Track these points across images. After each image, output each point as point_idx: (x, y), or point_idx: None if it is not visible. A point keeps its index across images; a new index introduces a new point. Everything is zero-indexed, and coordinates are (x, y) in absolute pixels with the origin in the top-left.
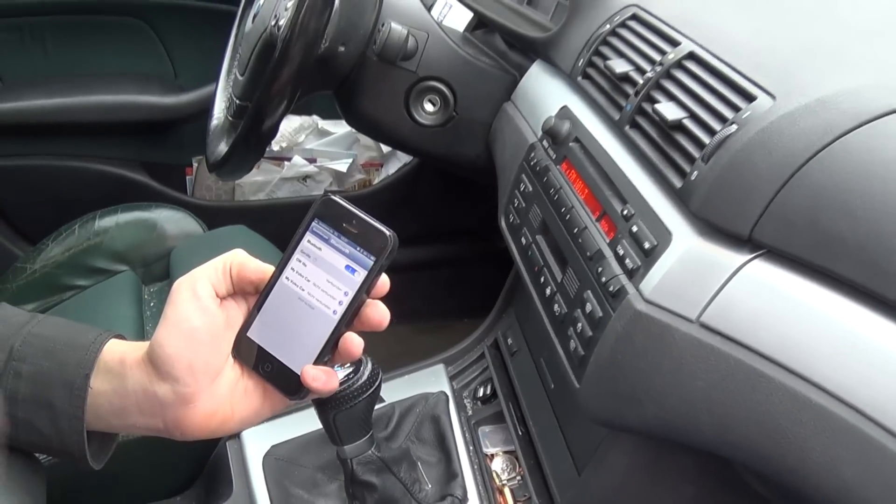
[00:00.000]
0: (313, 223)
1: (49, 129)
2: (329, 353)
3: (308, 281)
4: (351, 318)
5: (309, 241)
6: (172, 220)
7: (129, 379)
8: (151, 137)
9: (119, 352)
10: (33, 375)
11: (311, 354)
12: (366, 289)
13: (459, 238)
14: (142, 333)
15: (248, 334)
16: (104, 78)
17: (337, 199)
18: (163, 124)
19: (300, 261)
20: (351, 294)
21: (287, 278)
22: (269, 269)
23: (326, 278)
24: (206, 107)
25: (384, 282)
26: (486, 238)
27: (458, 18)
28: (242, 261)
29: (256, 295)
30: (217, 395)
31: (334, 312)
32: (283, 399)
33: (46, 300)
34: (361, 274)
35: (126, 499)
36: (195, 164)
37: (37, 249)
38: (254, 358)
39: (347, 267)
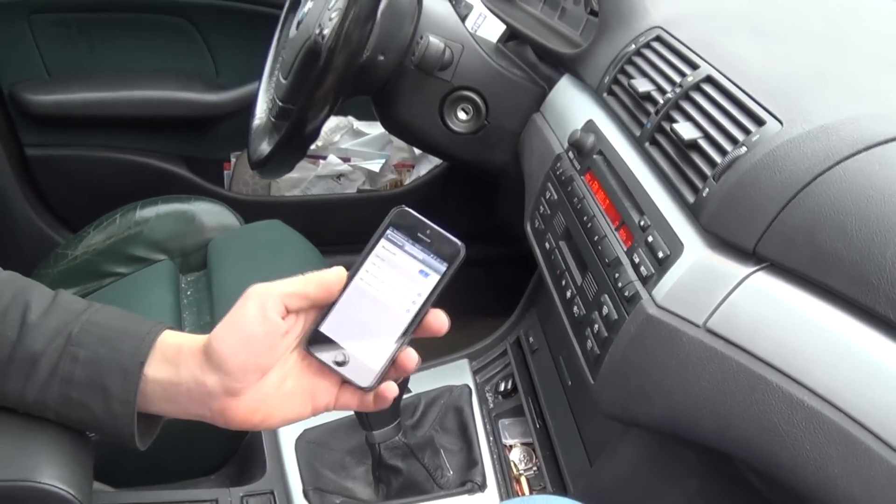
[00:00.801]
0: (388, 231)
1: (93, 121)
2: (403, 347)
3: (382, 283)
4: (422, 317)
5: (384, 247)
6: (210, 213)
7: (182, 368)
8: (192, 132)
9: (176, 343)
10: (90, 360)
11: (387, 348)
12: (437, 291)
13: (486, 240)
14: (179, 321)
15: (322, 329)
16: (148, 74)
17: (411, 211)
18: (203, 120)
19: (375, 264)
20: (424, 294)
21: (361, 279)
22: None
23: (401, 280)
24: (246, 105)
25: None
26: (512, 241)
27: (492, 29)
28: (316, 288)
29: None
30: (262, 394)
31: (407, 311)
32: (324, 405)
33: (86, 286)
34: (434, 278)
35: (163, 475)
36: (233, 160)
37: (78, 237)
38: (327, 351)
39: (421, 271)
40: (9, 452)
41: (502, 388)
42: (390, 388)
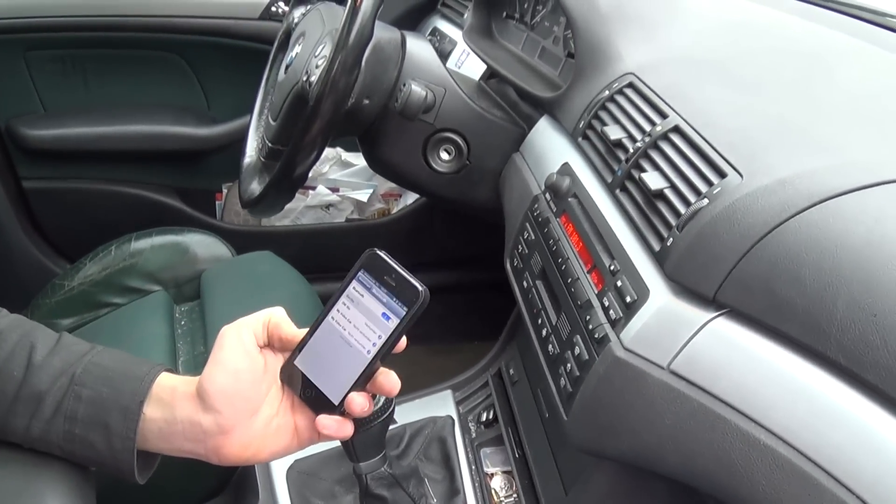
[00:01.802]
0: (360, 273)
1: (88, 155)
2: (360, 387)
3: (349, 322)
4: (381, 358)
5: (354, 288)
6: (203, 245)
7: (177, 409)
8: (184, 165)
9: (170, 385)
10: (92, 399)
11: (346, 386)
12: (396, 335)
13: (472, 265)
14: (173, 351)
15: (295, 362)
16: (141, 108)
17: (381, 254)
18: (196, 153)
19: (345, 304)
20: (384, 338)
21: (332, 318)
22: (300, 333)
23: (365, 322)
24: (237, 138)
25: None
26: (496, 266)
27: (476, 65)
28: (279, 321)
29: (282, 351)
30: (252, 430)
31: (367, 352)
32: (308, 439)
33: (83, 316)
34: (394, 321)
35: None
36: (225, 191)
37: (75, 268)
38: (298, 384)
39: (384, 314)
40: (17, 486)
41: (484, 418)
42: (354, 403)
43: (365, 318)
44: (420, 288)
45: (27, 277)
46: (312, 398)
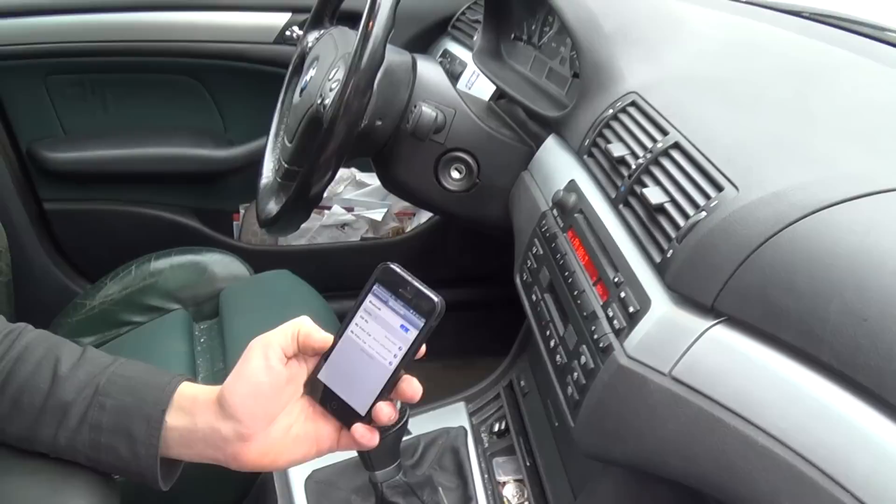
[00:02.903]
0: (374, 287)
1: (108, 177)
2: (385, 397)
3: (369, 335)
4: (403, 368)
5: (371, 302)
6: (221, 264)
7: (198, 416)
8: (202, 186)
9: (191, 394)
10: (116, 409)
11: (371, 397)
12: (416, 345)
13: (484, 283)
14: (193, 368)
15: (319, 376)
16: (159, 131)
17: (394, 266)
18: (213, 175)
19: (363, 318)
20: (404, 349)
21: (352, 332)
22: (330, 338)
23: (385, 334)
24: (253, 159)
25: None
26: (507, 283)
27: (486, 86)
28: (309, 330)
29: (315, 357)
30: (271, 439)
31: (390, 364)
32: (326, 448)
33: (104, 334)
34: (413, 333)
35: None
36: (242, 211)
37: (95, 287)
38: (321, 395)
39: (402, 326)
40: (44, 494)
41: (496, 428)
42: (382, 412)
43: (384, 330)
44: (436, 299)
45: (49, 297)
46: (338, 409)
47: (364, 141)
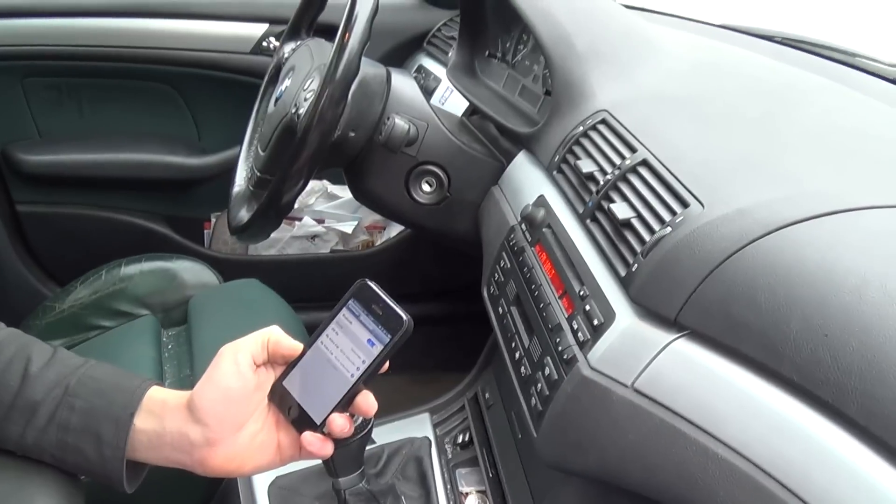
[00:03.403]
0: (350, 301)
1: (81, 181)
2: (342, 408)
3: (337, 347)
4: (363, 382)
5: (344, 316)
6: (191, 271)
7: (167, 420)
8: (174, 194)
9: (161, 398)
10: (85, 410)
11: (329, 406)
12: (379, 360)
13: (452, 297)
14: (160, 374)
15: (284, 383)
16: (134, 137)
17: (371, 284)
18: (186, 182)
19: (334, 330)
20: (367, 363)
21: (321, 342)
22: (299, 347)
23: (351, 347)
24: (226, 168)
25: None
26: (475, 299)
27: (459, 102)
28: (278, 338)
29: (284, 366)
30: (237, 445)
31: (352, 376)
32: (289, 457)
33: (72, 338)
34: (378, 347)
35: None
36: (213, 220)
37: (65, 291)
38: (284, 403)
39: (369, 340)
40: (9, 490)
41: (460, 440)
42: (335, 423)
43: (352, 343)
44: (405, 317)
45: (18, 300)
46: (297, 418)
47: (337, 151)
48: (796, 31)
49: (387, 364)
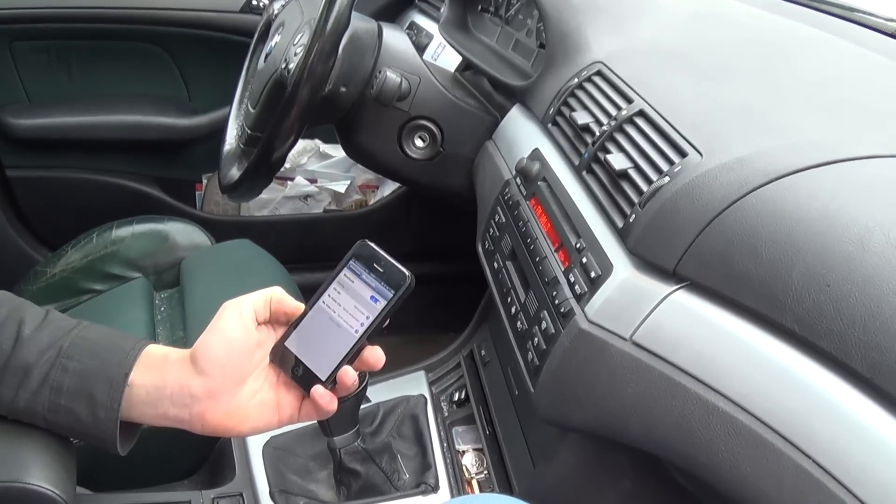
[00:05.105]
0: (350, 261)
1: (72, 144)
2: (348, 363)
3: (339, 306)
4: (368, 337)
5: (345, 276)
6: (183, 233)
7: (168, 373)
8: (165, 155)
9: (162, 353)
10: (79, 371)
11: (334, 363)
12: (383, 315)
13: (447, 257)
14: (153, 336)
15: (286, 344)
16: (124, 99)
17: (371, 244)
18: (176, 143)
19: (336, 290)
20: (371, 318)
21: (323, 302)
22: (301, 306)
23: (354, 304)
24: (217, 129)
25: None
26: (471, 258)
27: (452, 58)
28: (281, 297)
29: (286, 326)
30: (237, 400)
31: (356, 332)
32: (287, 417)
33: (64, 302)
34: (382, 303)
35: (140, 480)
36: (205, 181)
37: (57, 255)
38: (287, 363)
39: (372, 297)
40: (1, 456)
41: (456, 397)
42: (347, 375)
43: (354, 301)
44: (407, 273)
45: (9, 265)
46: (301, 376)
47: (328, 107)
48: None
49: (382, 358)
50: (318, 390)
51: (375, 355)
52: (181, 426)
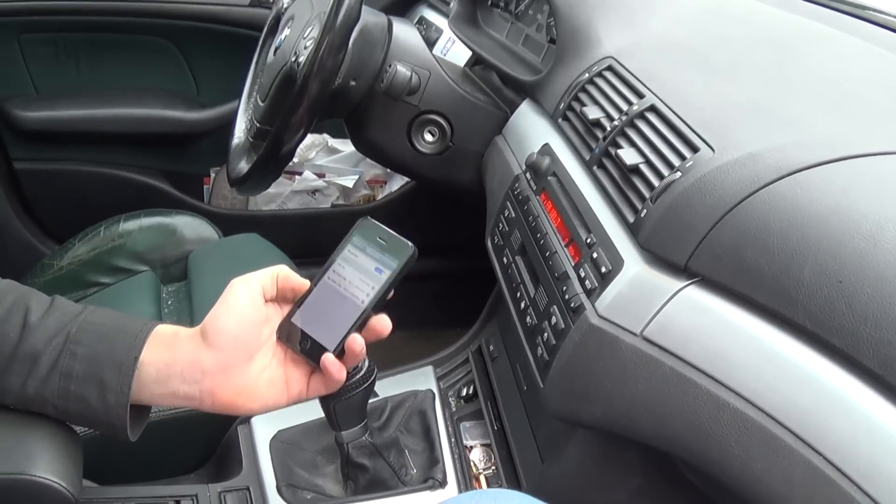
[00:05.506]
0: (354, 237)
1: (79, 137)
2: (355, 331)
3: (345, 279)
4: (374, 307)
5: (349, 251)
6: (191, 226)
7: (179, 349)
8: (173, 149)
9: (172, 331)
10: (87, 356)
11: (341, 333)
12: (388, 285)
13: (453, 253)
14: None
15: (292, 320)
16: (132, 92)
17: (373, 220)
18: (184, 137)
19: (341, 265)
20: (377, 288)
21: (328, 278)
22: (307, 282)
23: (359, 277)
24: (225, 123)
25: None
26: (478, 254)
27: (461, 53)
28: (288, 273)
29: (292, 303)
30: (247, 376)
31: (362, 302)
32: (297, 393)
33: (71, 295)
34: (387, 273)
35: (146, 473)
36: (213, 175)
37: (64, 248)
38: (294, 338)
39: (377, 268)
40: (6, 448)
41: (464, 393)
42: (355, 342)
43: (359, 273)
44: (410, 244)
45: (17, 257)
46: (309, 349)
47: (337, 101)
48: None
49: (392, 292)
50: (328, 358)
51: (382, 323)
52: (191, 404)
